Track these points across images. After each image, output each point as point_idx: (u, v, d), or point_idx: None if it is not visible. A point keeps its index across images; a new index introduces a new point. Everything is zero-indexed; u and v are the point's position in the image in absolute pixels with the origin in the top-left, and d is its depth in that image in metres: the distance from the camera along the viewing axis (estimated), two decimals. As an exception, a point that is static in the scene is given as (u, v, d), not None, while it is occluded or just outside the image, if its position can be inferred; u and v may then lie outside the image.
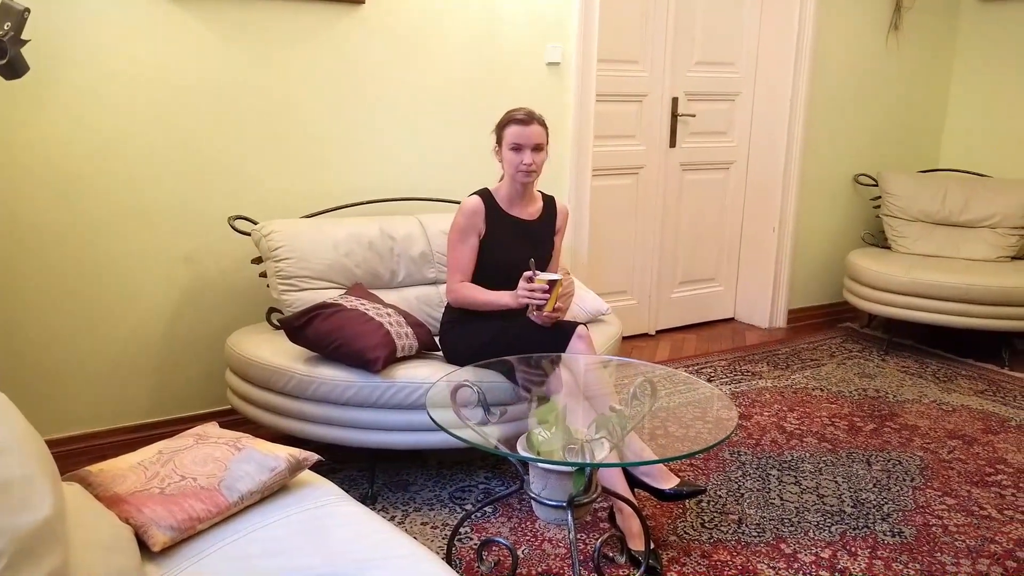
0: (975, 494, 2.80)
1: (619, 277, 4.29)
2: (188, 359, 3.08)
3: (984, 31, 4.81)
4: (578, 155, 3.77)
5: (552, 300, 2.46)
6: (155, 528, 1.57)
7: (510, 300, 2.54)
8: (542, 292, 2.46)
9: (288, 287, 2.82)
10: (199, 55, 2.90)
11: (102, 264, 2.87)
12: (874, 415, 3.45)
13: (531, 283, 2.47)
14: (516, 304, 2.52)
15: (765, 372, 3.94)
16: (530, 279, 2.48)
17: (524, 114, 2.61)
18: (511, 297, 2.54)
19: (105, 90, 2.77)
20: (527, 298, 2.47)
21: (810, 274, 4.76)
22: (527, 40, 3.55)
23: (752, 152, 4.57)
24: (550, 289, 2.46)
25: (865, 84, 4.65)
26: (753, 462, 3.00)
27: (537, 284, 2.46)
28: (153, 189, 2.90)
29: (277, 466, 1.76)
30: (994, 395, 3.73)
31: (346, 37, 3.16)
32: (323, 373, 2.55)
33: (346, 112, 3.21)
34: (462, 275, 2.66)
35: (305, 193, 3.18)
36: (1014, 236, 4.32)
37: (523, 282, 2.49)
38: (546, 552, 2.39)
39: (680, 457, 2.42)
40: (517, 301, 2.51)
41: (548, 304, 2.46)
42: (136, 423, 3.03)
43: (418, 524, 2.55)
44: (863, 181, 4.78)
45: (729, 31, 4.35)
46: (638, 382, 2.13)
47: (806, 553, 2.42)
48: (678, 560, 2.37)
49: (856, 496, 2.76)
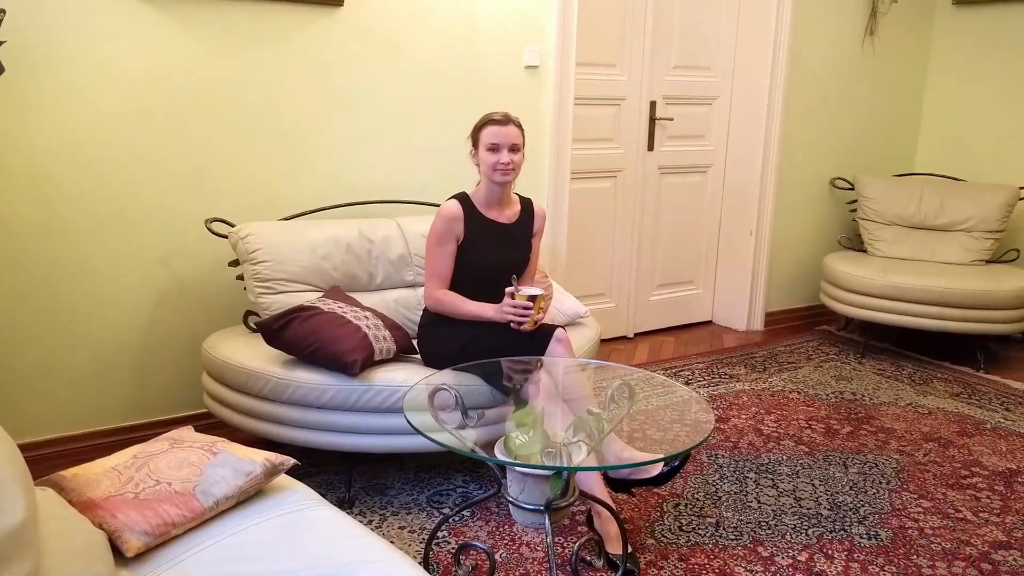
0: (951, 496, 2.83)
1: (598, 280, 4.29)
2: (165, 362, 3.05)
3: (958, 36, 4.86)
4: (556, 158, 3.77)
5: (532, 315, 2.48)
6: (129, 533, 1.56)
7: (493, 314, 2.55)
8: (524, 308, 2.48)
9: (265, 290, 2.80)
10: (177, 56, 2.87)
11: (77, 266, 2.83)
12: (851, 418, 3.48)
13: (514, 299, 2.49)
14: (499, 319, 2.53)
15: (743, 375, 3.96)
16: (512, 295, 2.49)
17: (501, 115, 2.62)
18: (495, 311, 2.54)
19: (82, 90, 2.74)
20: (511, 315, 2.48)
21: (787, 277, 4.79)
22: (505, 43, 3.55)
23: (730, 156, 4.59)
24: (530, 304, 2.47)
25: (841, 88, 4.69)
26: (730, 465, 3.01)
27: (519, 300, 2.48)
28: (130, 190, 2.87)
29: (253, 470, 1.74)
30: (969, 398, 3.76)
31: (325, 39, 3.14)
32: (300, 376, 2.53)
33: (325, 114, 3.20)
34: (440, 281, 2.65)
35: (283, 195, 3.16)
36: (989, 240, 4.36)
37: (507, 298, 2.50)
38: (524, 556, 2.39)
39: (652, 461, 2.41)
40: (500, 316, 2.52)
41: (528, 320, 2.48)
42: (113, 426, 2.99)
43: (395, 528, 2.54)
44: (839, 185, 4.82)
45: (707, 35, 4.37)
46: (615, 385, 2.13)
47: (783, 556, 2.44)
48: (655, 563, 2.37)
49: (833, 499, 2.78)
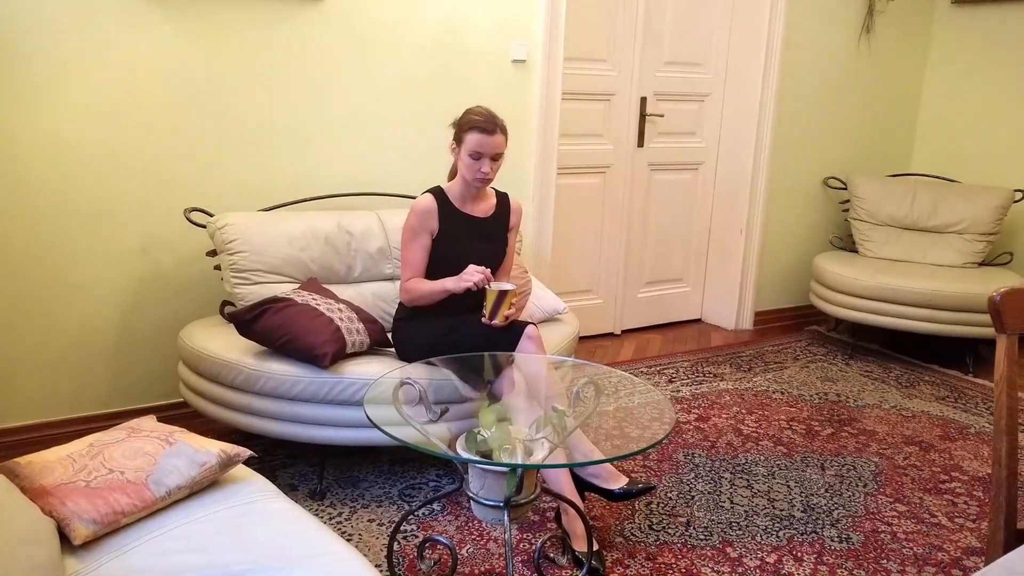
0: (927, 501, 2.81)
1: (585, 276, 4.28)
2: (142, 351, 3.05)
3: (957, 35, 4.82)
4: (543, 153, 3.75)
5: (502, 311, 2.46)
6: (77, 521, 1.55)
7: (451, 284, 2.52)
8: (480, 273, 2.48)
9: (242, 280, 2.80)
10: (156, 46, 2.86)
11: (54, 254, 2.83)
12: (832, 419, 3.46)
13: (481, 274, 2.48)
14: (457, 287, 2.50)
15: (727, 374, 3.94)
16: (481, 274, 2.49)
17: (486, 122, 2.54)
18: (453, 281, 2.52)
19: (60, 81, 2.73)
20: (469, 280, 2.47)
21: (777, 276, 4.76)
22: (492, 37, 3.53)
23: (721, 153, 4.56)
24: (501, 299, 2.45)
25: (836, 87, 4.65)
26: (707, 464, 3.00)
27: (476, 267, 2.49)
28: (109, 180, 2.87)
29: (207, 461, 1.74)
30: (955, 402, 3.74)
31: (307, 31, 3.13)
32: (272, 368, 2.53)
33: (306, 106, 3.19)
34: (413, 273, 2.64)
35: (263, 186, 3.15)
36: (981, 242, 4.33)
37: (471, 267, 2.50)
38: (490, 551, 2.38)
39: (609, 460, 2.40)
40: (458, 284, 2.50)
41: (499, 316, 2.46)
42: (90, 414, 2.99)
43: (365, 521, 2.53)
44: (832, 184, 4.78)
45: (699, 32, 4.35)
46: (581, 383, 2.12)
47: (751, 557, 2.42)
48: (622, 562, 2.36)
49: (807, 501, 2.77)
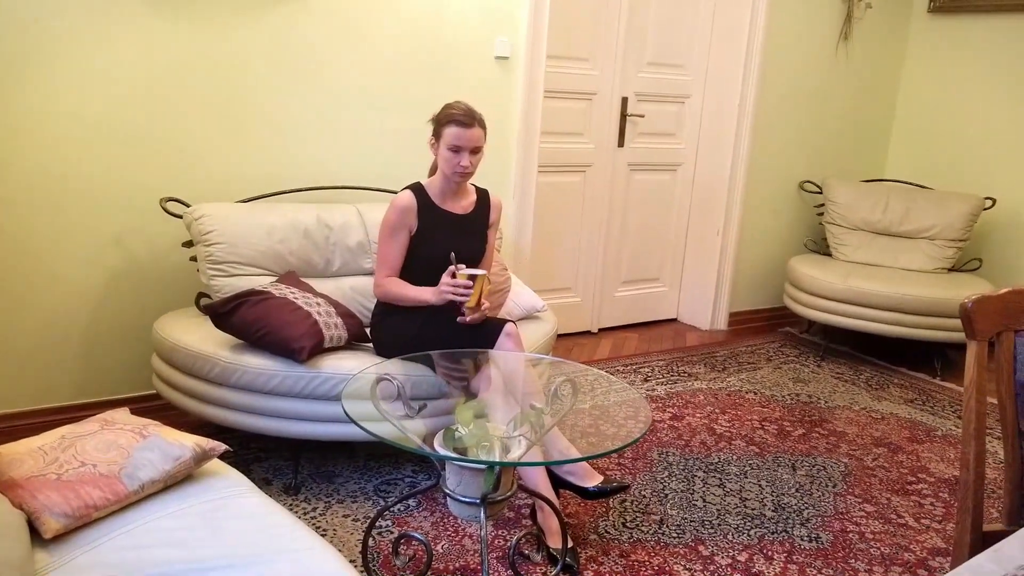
0: (895, 502, 2.85)
1: (563, 274, 4.29)
2: (115, 342, 3.02)
3: (933, 44, 4.89)
4: (524, 151, 3.76)
5: (475, 295, 2.44)
6: (48, 515, 1.54)
7: (431, 296, 2.50)
8: (464, 288, 2.43)
9: (218, 272, 2.77)
10: (136, 30, 2.83)
11: (26, 243, 2.79)
12: (804, 420, 3.50)
13: (454, 278, 2.45)
14: (438, 300, 2.48)
15: (702, 374, 3.97)
16: (453, 274, 2.45)
17: (465, 115, 2.53)
18: (432, 293, 2.50)
19: (35, 63, 2.69)
20: (450, 293, 2.44)
21: (752, 278, 4.80)
22: (475, 33, 3.53)
23: (700, 155, 4.59)
24: (473, 284, 2.44)
25: (813, 92, 4.70)
26: (680, 463, 3.02)
27: (460, 280, 2.44)
28: (82, 167, 2.83)
29: (182, 455, 1.73)
30: (923, 404, 3.80)
31: (291, 21, 3.10)
32: (248, 361, 2.51)
33: (287, 97, 3.16)
34: (389, 270, 2.62)
35: (242, 177, 3.13)
36: (951, 248, 4.39)
37: (446, 277, 2.46)
38: (465, 548, 2.38)
39: (586, 458, 2.44)
40: (439, 297, 2.48)
41: (471, 299, 2.44)
42: (60, 404, 2.95)
43: (340, 516, 2.52)
44: (808, 188, 4.83)
45: (681, 34, 4.37)
46: (559, 381, 2.13)
47: (723, 556, 2.45)
48: (596, 559, 2.38)
49: (778, 500, 2.80)
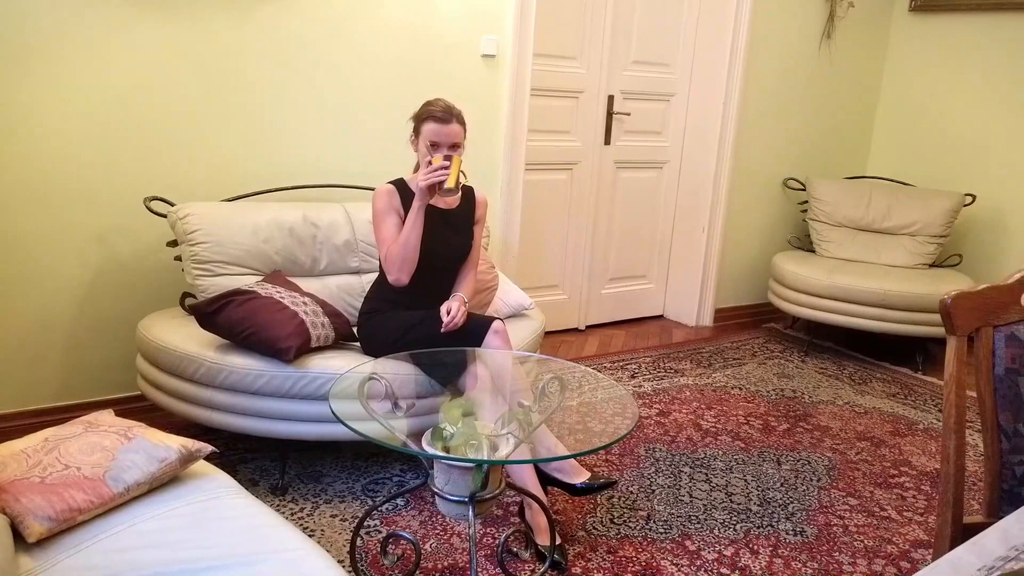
0: (878, 495, 2.88)
1: (550, 271, 4.30)
2: (99, 342, 3.00)
3: (914, 43, 4.92)
4: (511, 148, 3.76)
5: (453, 176, 2.45)
6: (32, 518, 1.53)
7: (417, 201, 2.50)
8: (442, 169, 2.45)
9: (203, 272, 2.76)
10: (120, 27, 2.81)
11: (8, 241, 2.76)
12: (789, 415, 3.52)
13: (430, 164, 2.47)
14: (423, 195, 2.48)
15: (688, 370, 3.99)
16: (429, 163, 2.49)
17: (443, 111, 2.54)
18: (417, 196, 2.50)
19: (18, 58, 2.66)
20: (428, 179, 2.45)
21: (737, 274, 4.83)
22: (462, 31, 3.52)
23: (685, 152, 4.61)
24: (449, 166, 2.46)
25: (797, 90, 4.72)
26: (667, 459, 3.03)
27: (436, 163, 2.47)
28: (65, 166, 2.81)
29: (167, 457, 1.72)
30: (905, 398, 3.83)
31: (277, 20, 3.09)
32: (234, 361, 2.50)
33: (273, 96, 3.15)
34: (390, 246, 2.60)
35: (227, 176, 3.11)
36: (932, 244, 4.43)
37: (423, 167, 2.50)
38: (454, 546, 2.39)
39: (575, 455, 2.47)
40: (421, 192, 2.48)
41: (450, 179, 2.44)
42: (43, 407, 2.93)
43: (327, 516, 2.52)
44: (792, 185, 4.86)
45: (666, 32, 4.38)
46: (546, 379, 2.13)
47: (709, 550, 2.46)
48: (584, 555, 2.39)
49: (763, 495, 2.82)
